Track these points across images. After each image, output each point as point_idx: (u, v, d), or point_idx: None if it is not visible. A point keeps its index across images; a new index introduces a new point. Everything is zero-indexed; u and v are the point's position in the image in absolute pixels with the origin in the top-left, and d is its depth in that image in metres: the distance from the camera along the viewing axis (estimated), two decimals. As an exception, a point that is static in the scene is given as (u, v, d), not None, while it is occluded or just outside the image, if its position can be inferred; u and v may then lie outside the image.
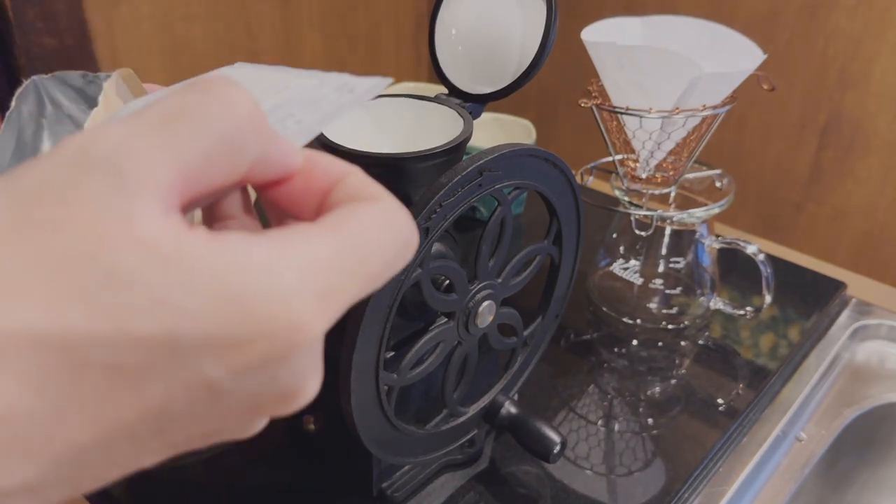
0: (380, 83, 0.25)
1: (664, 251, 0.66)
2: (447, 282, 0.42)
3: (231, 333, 0.17)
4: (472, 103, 0.45)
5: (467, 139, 0.41)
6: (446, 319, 0.43)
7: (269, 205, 0.23)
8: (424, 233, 0.37)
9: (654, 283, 0.67)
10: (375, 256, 0.20)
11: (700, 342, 0.66)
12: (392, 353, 0.43)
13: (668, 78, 0.54)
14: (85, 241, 0.16)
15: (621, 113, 0.57)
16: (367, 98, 0.24)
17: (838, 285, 0.72)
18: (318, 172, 0.22)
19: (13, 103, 0.37)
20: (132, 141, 0.18)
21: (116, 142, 0.17)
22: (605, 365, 0.63)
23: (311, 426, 0.48)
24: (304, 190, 0.22)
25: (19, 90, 0.36)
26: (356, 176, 0.22)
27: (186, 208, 0.19)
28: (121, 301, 0.16)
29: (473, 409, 0.49)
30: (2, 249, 0.16)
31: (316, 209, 0.22)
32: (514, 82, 0.44)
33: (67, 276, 0.16)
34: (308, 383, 0.19)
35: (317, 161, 0.22)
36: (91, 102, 0.40)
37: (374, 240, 0.20)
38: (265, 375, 0.18)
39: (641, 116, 0.56)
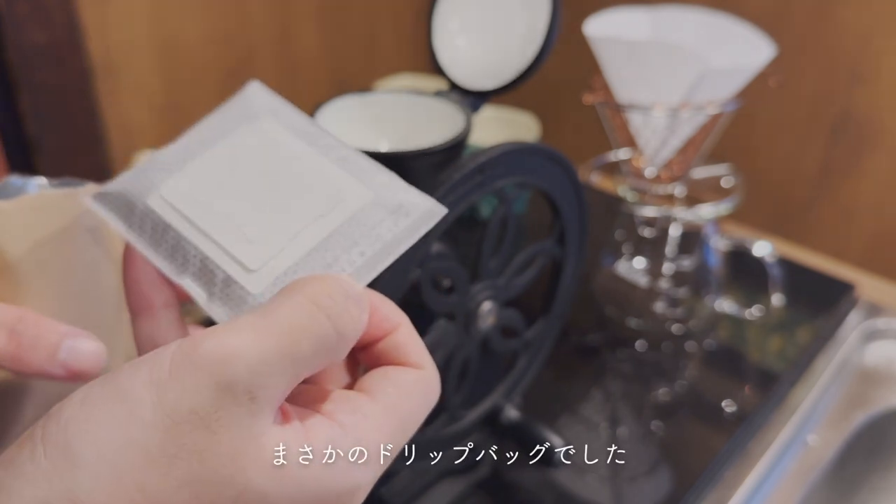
0: (436, 209, 0.26)
1: (670, 251, 0.66)
2: (447, 282, 0.41)
3: None
4: (473, 99, 0.44)
5: (468, 136, 0.41)
6: (447, 321, 0.42)
7: None
8: (424, 232, 0.36)
9: (660, 284, 0.66)
10: (414, 426, 0.25)
11: (706, 344, 0.65)
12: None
13: (673, 73, 0.53)
14: (225, 466, 0.20)
15: (626, 110, 0.56)
16: (423, 229, 0.26)
17: (848, 286, 0.71)
18: (375, 320, 0.25)
19: None
20: (263, 368, 0.21)
21: (251, 370, 0.21)
22: (610, 367, 0.62)
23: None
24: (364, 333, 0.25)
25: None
26: (405, 330, 0.26)
27: None
28: None
29: (474, 413, 0.48)
30: (155, 472, 0.20)
31: (365, 347, 0.26)
32: (516, 78, 0.43)
33: (209, 497, 0.20)
34: None
35: (377, 309, 0.25)
36: None
37: (417, 414, 0.25)
38: None
39: (647, 113, 0.55)
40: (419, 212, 0.26)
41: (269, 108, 0.29)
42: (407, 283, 0.37)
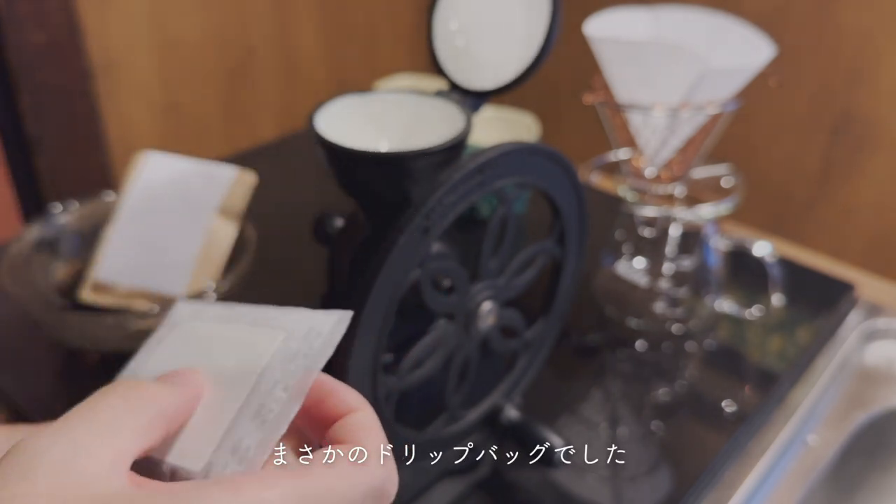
0: (343, 318, 0.27)
1: (670, 251, 0.66)
2: (447, 282, 0.41)
3: None
4: (473, 99, 0.44)
5: (468, 136, 0.41)
6: (447, 321, 0.42)
7: None
8: (424, 232, 0.37)
9: (660, 284, 0.67)
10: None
11: (706, 344, 0.65)
12: (391, 356, 0.43)
13: (674, 73, 0.53)
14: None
15: (626, 110, 0.56)
16: (337, 338, 0.26)
17: (847, 286, 0.71)
18: (330, 404, 0.26)
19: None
20: None
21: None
22: (610, 367, 0.62)
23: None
24: (316, 414, 0.26)
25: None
26: (363, 414, 0.26)
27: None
28: None
29: (474, 413, 0.48)
30: None
31: (324, 429, 0.26)
32: (516, 78, 0.43)
33: None
34: None
35: (331, 392, 0.26)
36: None
37: (350, 492, 0.23)
38: None
39: (647, 113, 0.55)
40: (328, 327, 0.27)
41: (190, 313, 0.31)
42: (407, 283, 0.37)
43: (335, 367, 0.37)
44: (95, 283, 0.62)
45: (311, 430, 0.27)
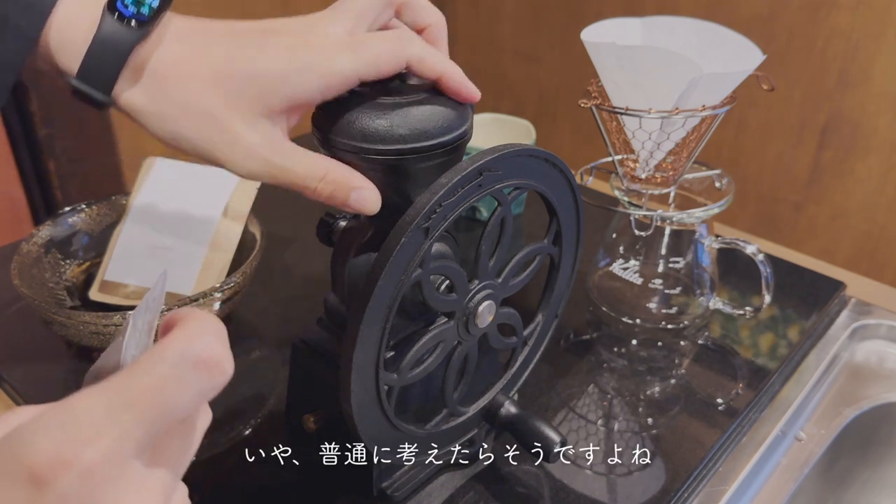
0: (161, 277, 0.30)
1: (664, 251, 0.66)
2: (447, 282, 0.42)
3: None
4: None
5: (467, 139, 0.42)
6: (446, 319, 0.43)
7: None
8: (424, 233, 0.37)
9: (654, 283, 0.67)
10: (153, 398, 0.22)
11: (699, 342, 0.66)
12: (392, 353, 0.44)
13: (667, 78, 0.54)
14: None
15: (621, 113, 0.57)
16: (160, 302, 0.30)
17: (838, 285, 0.72)
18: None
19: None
20: None
21: None
22: (605, 364, 0.63)
23: (311, 426, 0.49)
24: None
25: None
26: (189, 309, 0.25)
27: None
28: None
29: (473, 409, 0.49)
30: None
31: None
32: None
33: None
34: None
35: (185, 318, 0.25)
36: None
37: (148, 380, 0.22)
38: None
39: (641, 117, 0.56)
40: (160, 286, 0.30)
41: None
42: (408, 283, 0.38)
43: (340, 360, 0.39)
44: (104, 282, 0.63)
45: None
